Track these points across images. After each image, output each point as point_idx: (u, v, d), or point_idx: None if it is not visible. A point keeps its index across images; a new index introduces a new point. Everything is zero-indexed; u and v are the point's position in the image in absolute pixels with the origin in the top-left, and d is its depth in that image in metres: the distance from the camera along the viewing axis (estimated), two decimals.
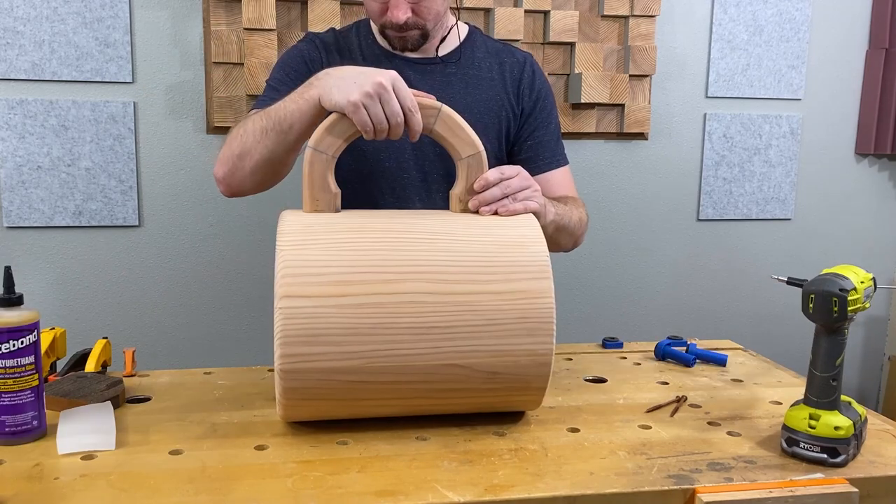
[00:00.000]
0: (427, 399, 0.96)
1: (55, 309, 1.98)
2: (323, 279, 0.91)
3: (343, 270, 0.91)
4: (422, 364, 0.92)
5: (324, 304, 0.90)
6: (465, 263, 0.94)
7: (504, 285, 0.94)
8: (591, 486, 0.85)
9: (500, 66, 1.41)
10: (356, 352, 0.91)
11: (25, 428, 0.94)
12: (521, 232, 1.00)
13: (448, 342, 0.92)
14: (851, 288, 0.92)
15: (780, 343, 2.44)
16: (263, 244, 2.07)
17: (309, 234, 0.95)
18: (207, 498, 0.81)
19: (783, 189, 2.38)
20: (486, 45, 1.43)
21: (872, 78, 2.35)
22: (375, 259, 0.93)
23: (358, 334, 0.90)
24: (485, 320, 0.93)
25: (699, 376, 1.25)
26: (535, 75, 1.43)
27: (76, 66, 1.90)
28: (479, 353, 0.93)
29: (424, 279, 0.92)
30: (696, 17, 2.26)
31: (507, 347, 0.94)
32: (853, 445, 0.93)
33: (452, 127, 1.05)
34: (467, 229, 0.99)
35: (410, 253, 0.94)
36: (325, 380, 0.91)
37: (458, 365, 0.93)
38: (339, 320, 0.90)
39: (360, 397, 0.94)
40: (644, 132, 2.24)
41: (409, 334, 0.91)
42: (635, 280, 2.33)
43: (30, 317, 0.94)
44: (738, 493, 0.84)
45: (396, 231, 0.97)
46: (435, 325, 0.92)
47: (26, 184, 1.91)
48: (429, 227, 0.99)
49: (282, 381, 0.91)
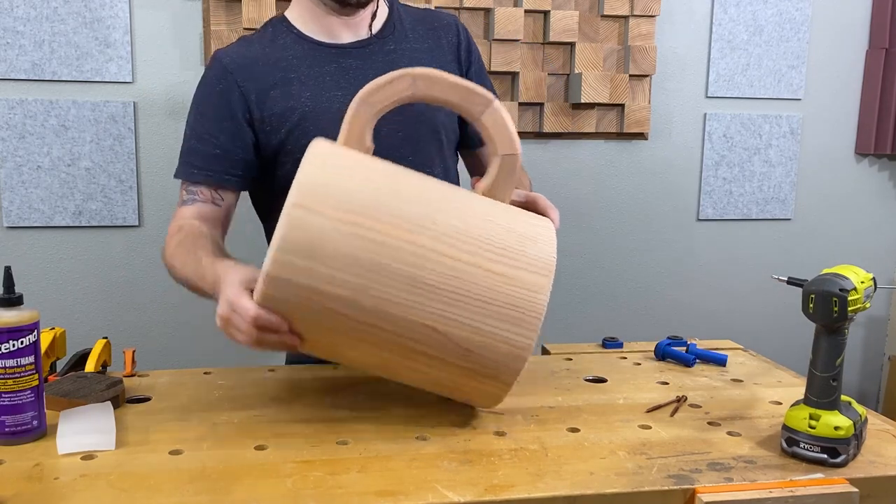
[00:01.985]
0: (395, 355, 0.96)
1: (55, 309, 1.98)
2: (340, 204, 0.90)
3: (362, 203, 0.91)
4: (404, 316, 0.92)
5: (333, 226, 0.89)
6: (477, 237, 0.95)
7: (505, 268, 0.94)
8: (591, 486, 0.85)
9: (433, 31, 1.34)
10: (347, 282, 0.90)
11: (25, 428, 0.94)
12: (537, 231, 1.00)
13: (436, 303, 0.92)
14: (851, 288, 0.92)
15: (780, 343, 2.44)
16: (263, 243, 2.07)
17: (338, 158, 0.96)
18: (207, 498, 0.81)
19: (783, 189, 2.38)
20: (409, 13, 1.35)
21: (872, 78, 2.35)
22: (397, 205, 0.93)
23: (355, 266, 0.90)
24: (476, 295, 0.93)
25: (699, 376, 1.25)
26: (467, 37, 1.37)
27: (76, 66, 1.90)
28: (460, 324, 0.93)
29: (436, 239, 0.92)
30: (696, 17, 2.26)
31: (488, 328, 0.94)
32: (853, 445, 0.93)
33: (498, 122, 1.04)
34: (491, 210, 1.00)
35: (432, 212, 0.94)
36: (306, 298, 0.91)
37: (437, 330, 0.93)
38: (342, 247, 0.89)
39: (332, 327, 0.93)
40: (644, 132, 2.24)
41: (403, 284, 0.91)
42: (635, 280, 2.33)
43: (30, 317, 0.94)
44: (738, 493, 0.84)
45: (426, 188, 0.97)
46: (429, 283, 0.92)
47: (26, 184, 1.91)
48: (457, 196, 0.99)
49: (264, 285, 0.90)
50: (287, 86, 1.23)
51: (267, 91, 1.23)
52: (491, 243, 0.95)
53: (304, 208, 0.89)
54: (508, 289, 0.94)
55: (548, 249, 0.98)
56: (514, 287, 0.94)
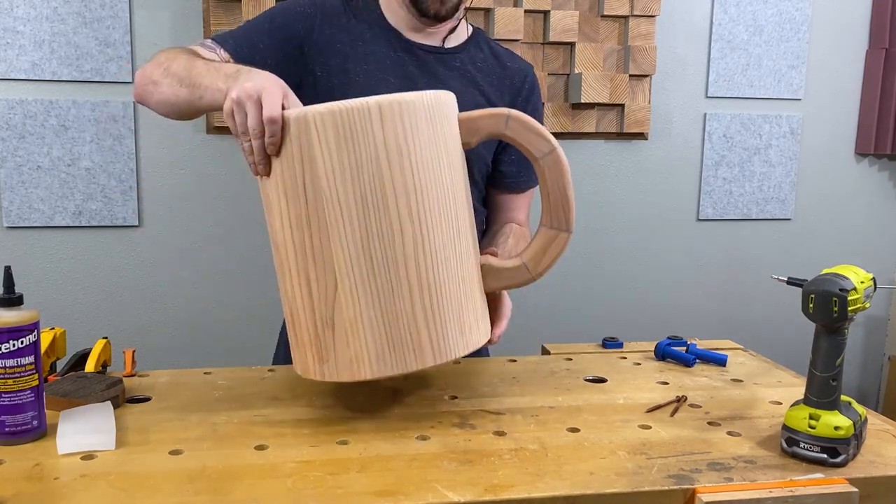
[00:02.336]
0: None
1: (55, 309, 1.98)
2: (400, 143, 0.92)
3: (415, 160, 0.94)
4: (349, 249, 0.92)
5: (379, 150, 0.91)
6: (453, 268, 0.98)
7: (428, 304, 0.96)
8: (591, 486, 0.85)
9: (502, 69, 1.38)
10: (346, 189, 0.92)
11: (25, 428, 0.94)
12: (474, 324, 1.02)
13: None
14: (851, 288, 0.92)
15: (780, 343, 2.44)
16: (263, 244, 2.07)
17: (446, 126, 0.99)
18: (207, 498, 0.81)
19: (783, 189, 2.38)
20: (489, 46, 1.41)
21: (872, 78, 2.35)
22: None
23: (357, 188, 0.91)
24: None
25: (699, 376, 1.25)
26: (533, 90, 1.40)
27: (76, 66, 1.90)
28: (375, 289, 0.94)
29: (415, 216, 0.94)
30: (696, 17, 2.26)
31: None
32: (853, 445, 0.93)
33: (524, 127, 1.04)
34: (472, 273, 1.02)
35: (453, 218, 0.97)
36: (309, 162, 0.92)
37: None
38: (367, 164, 0.91)
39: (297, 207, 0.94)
40: (644, 132, 2.24)
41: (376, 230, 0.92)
42: (635, 280, 2.33)
43: (30, 317, 0.94)
44: (738, 493, 0.84)
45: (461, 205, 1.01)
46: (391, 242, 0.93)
47: (26, 184, 1.91)
48: (467, 232, 1.02)
49: (300, 116, 0.92)
50: (352, 51, 1.29)
51: (334, 44, 1.28)
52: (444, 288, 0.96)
53: (380, 115, 0.90)
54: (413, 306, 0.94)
55: (454, 343, 0.98)
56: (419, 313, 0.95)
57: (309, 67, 1.28)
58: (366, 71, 1.28)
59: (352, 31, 1.30)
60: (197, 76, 1.07)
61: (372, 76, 1.28)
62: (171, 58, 1.14)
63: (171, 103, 1.13)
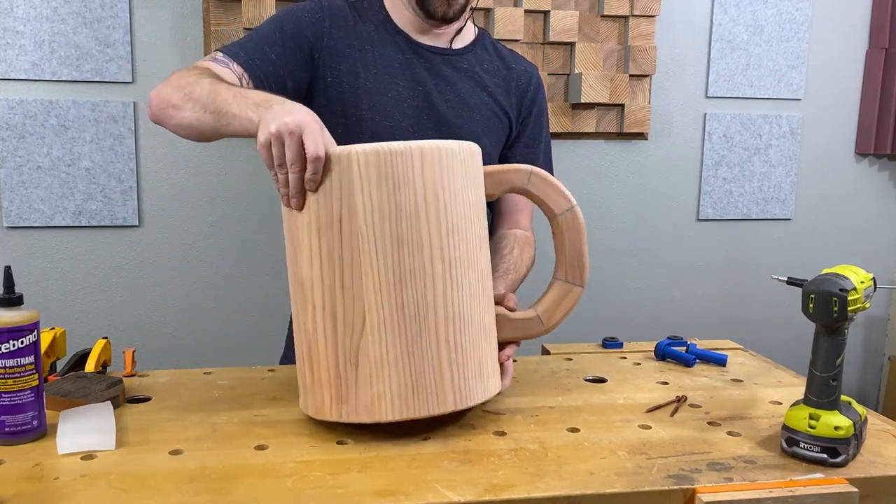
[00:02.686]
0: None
1: (55, 309, 1.98)
2: (437, 189, 0.94)
3: (445, 200, 0.96)
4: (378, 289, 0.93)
5: (419, 196, 0.93)
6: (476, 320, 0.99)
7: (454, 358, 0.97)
8: (591, 486, 0.85)
9: (508, 71, 1.39)
10: (380, 228, 0.92)
11: (25, 428, 0.94)
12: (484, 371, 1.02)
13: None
14: (851, 288, 0.92)
15: (780, 343, 2.44)
16: (263, 244, 2.07)
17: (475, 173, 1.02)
18: (207, 498, 0.81)
19: (783, 189, 2.38)
20: (495, 48, 1.41)
21: (872, 78, 2.35)
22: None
23: (390, 226, 0.92)
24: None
25: (699, 376, 1.25)
26: (538, 91, 1.41)
27: (76, 66, 1.90)
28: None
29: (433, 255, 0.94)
30: (696, 17, 2.26)
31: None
32: (853, 445, 0.93)
33: (545, 184, 1.07)
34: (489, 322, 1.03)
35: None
36: (347, 204, 0.92)
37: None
38: (405, 206, 0.93)
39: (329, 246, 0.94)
40: (644, 132, 2.24)
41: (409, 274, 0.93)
42: (635, 280, 2.33)
43: (30, 317, 0.94)
44: (738, 493, 0.84)
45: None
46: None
47: (26, 184, 1.92)
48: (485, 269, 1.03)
49: (344, 155, 0.93)
50: (361, 55, 1.29)
51: (343, 49, 1.29)
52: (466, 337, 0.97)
53: (421, 159, 0.92)
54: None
55: (474, 389, 0.98)
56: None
57: (319, 73, 1.28)
58: (375, 75, 1.28)
59: (360, 35, 1.31)
60: (223, 103, 1.05)
61: (381, 80, 1.29)
62: (192, 82, 1.11)
63: (194, 128, 1.11)
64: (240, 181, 2.04)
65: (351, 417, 0.95)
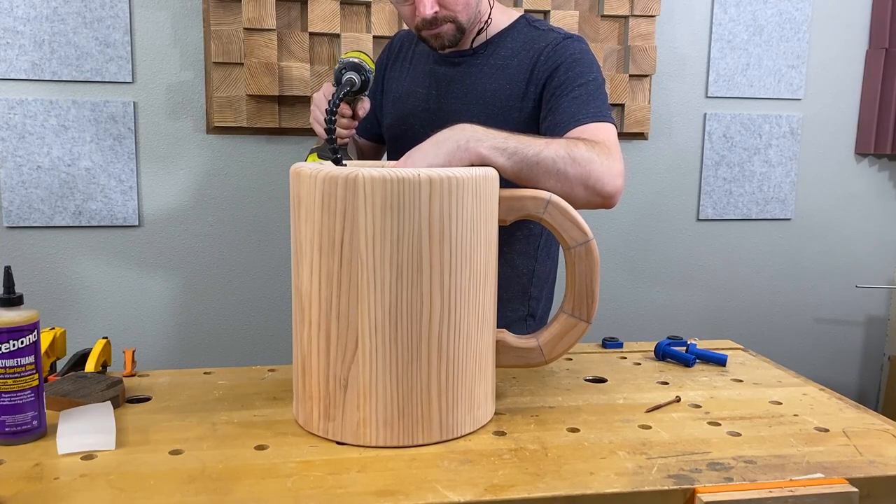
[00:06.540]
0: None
1: (55, 309, 1.98)
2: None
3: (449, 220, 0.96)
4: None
5: (422, 224, 0.92)
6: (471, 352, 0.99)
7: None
8: (591, 486, 0.85)
9: (526, 50, 1.36)
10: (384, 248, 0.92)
11: (25, 428, 0.94)
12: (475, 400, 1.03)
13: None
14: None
15: (780, 343, 2.44)
16: (263, 244, 2.07)
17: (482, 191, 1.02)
18: (207, 498, 0.81)
19: (783, 189, 2.38)
20: (528, 33, 1.38)
21: (872, 78, 2.35)
22: None
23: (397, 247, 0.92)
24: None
25: (699, 376, 1.25)
26: (555, 50, 1.33)
27: (76, 66, 1.90)
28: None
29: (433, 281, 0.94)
30: (696, 17, 2.26)
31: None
32: None
33: (562, 214, 1.04)
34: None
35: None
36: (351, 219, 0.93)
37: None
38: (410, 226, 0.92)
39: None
40: (644, 132, 2.24)
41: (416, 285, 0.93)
42: (635, 280, 2.33)
43: (30, 317, 0.94)
44: (738, 493, 0.84)
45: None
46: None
47: (26, 184, 1.92)
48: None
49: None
50: (399, 72, 1.51)
51: (392, 69, 1.54)
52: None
53: (430, 188, 0.90)
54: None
55: (462, 421, 0.98)
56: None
57: (381, 97, 1.56)
58: (406, 86, 1.46)
59: (405, 54, 1.51)
60: None
61: (408, 89, 1.46)
62: None
63: None
64: (240, 181, 2.04)
65: (337, 437, 0.96)
